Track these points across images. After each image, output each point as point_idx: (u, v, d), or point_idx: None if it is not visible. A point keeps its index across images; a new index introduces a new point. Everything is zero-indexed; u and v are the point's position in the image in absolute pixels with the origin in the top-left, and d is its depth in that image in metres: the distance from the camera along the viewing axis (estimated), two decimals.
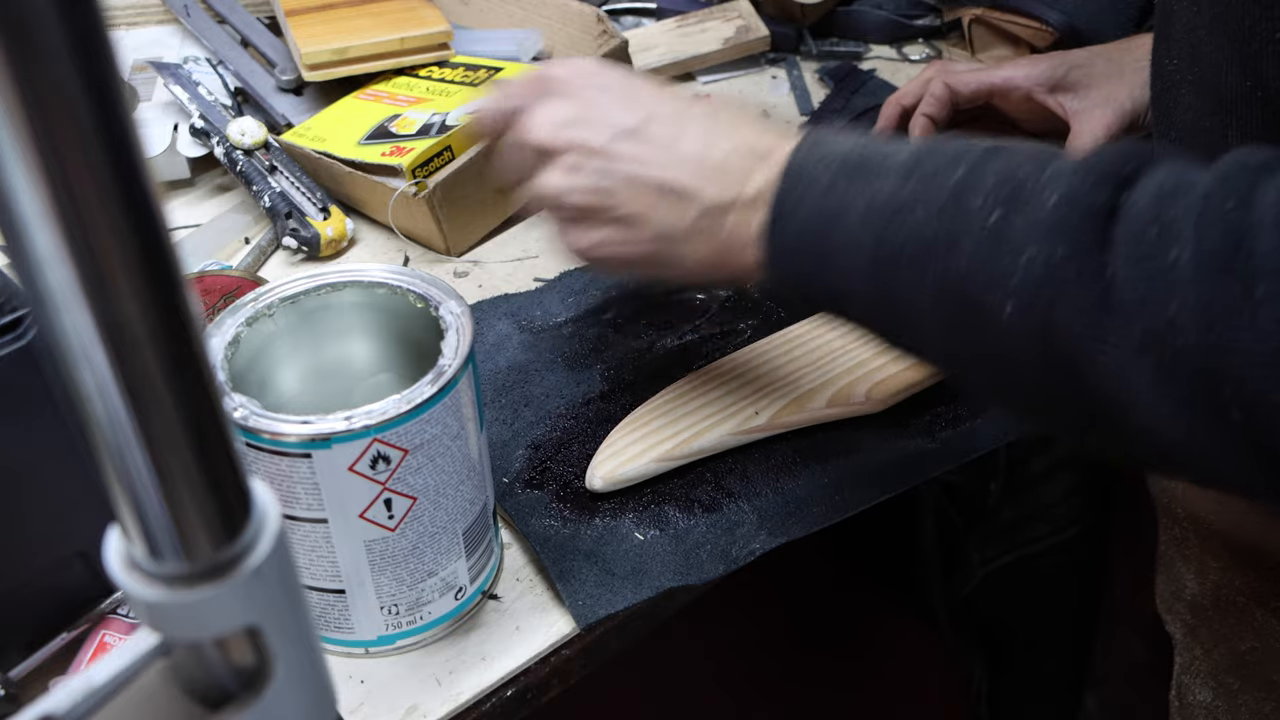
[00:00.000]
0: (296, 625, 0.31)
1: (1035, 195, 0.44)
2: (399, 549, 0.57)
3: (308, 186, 0.89)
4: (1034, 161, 0.45)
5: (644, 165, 0.56)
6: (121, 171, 0.23)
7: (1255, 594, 0.63)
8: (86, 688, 0.29)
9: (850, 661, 1.53)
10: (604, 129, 0.57)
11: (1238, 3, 0.50)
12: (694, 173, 0.55)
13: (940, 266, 0.46)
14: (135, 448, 0.26)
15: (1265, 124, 0.52)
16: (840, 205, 0.49)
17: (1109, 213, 0.42)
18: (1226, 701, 0.67)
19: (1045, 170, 0.45)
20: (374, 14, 1.00)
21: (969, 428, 0.73)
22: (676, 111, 0.57)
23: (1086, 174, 0.43)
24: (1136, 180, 0.42)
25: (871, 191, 0.49)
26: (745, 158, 0.55)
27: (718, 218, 0.55)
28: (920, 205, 0.47)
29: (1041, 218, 0.43)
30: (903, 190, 0.48)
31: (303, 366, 0.63)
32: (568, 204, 0.58)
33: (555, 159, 0.58)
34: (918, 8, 1.14)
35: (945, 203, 0.46)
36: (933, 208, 0.46)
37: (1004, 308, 0.43)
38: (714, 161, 0.55)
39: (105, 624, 0.60)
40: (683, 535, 0.66)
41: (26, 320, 0.53)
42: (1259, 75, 0.50)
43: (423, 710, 0.59)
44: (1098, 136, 0.86)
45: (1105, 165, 0.43)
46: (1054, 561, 1.24)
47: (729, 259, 0.55)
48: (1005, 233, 0.44)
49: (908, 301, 0.48)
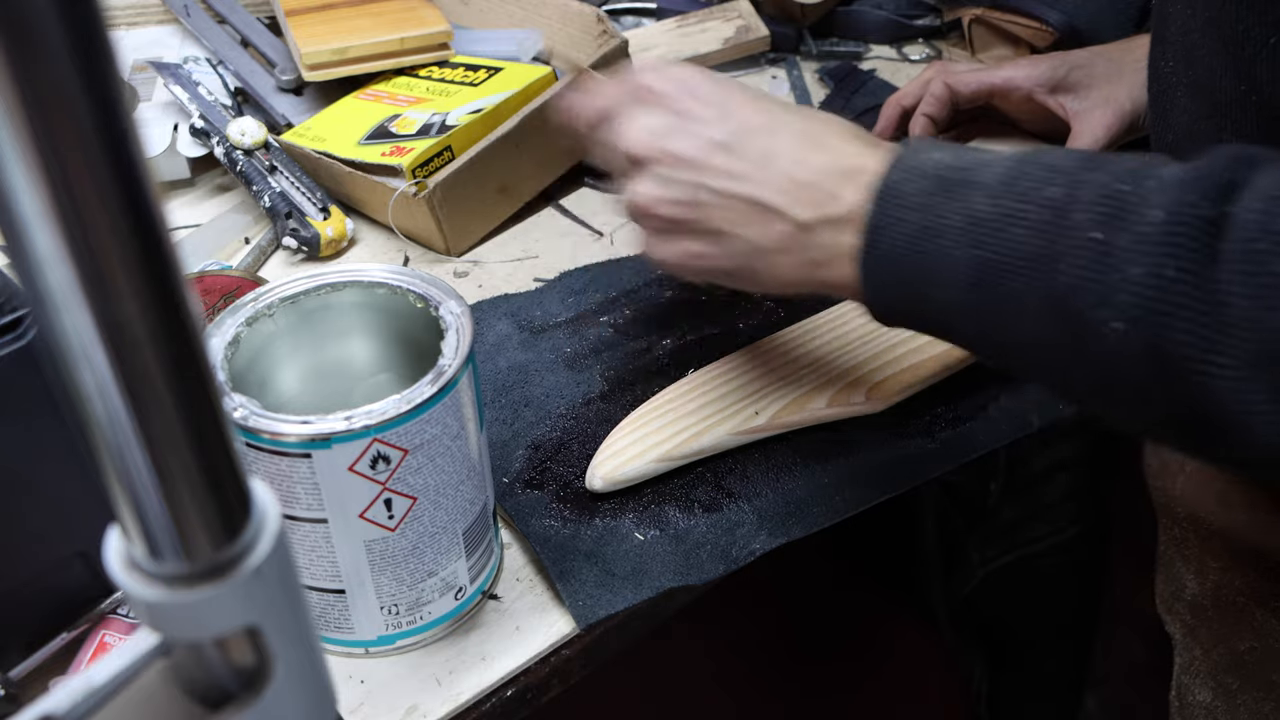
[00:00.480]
0: (296, 625, 0.31)
1: (1138, 210, 0.43)
2: (399, 549, 0.57)
3: (308, 186, 0.89)
4: (1134, 175, 0.45)
5: (735, 180, 0.56)
6: (121, 171, 0.23)
7: (1255, 594, 0.62)
8: (86, 688, 0.29)
9: (850, 661, 1.53)
10: (697, 141, 0.57)
11: (1231, 7, 0.50)
12: (785, 189, 0.55)
13: (1044, 284, 0.46)
14: (135, 448, 0.26)
15: (1260, 128, 0.52)
16: (935, 223, 0.49)
17: (1215, 226, 0.42)
18: (1226, 702, 0.67)
19: (1146, 183, 0.44)
20: (374, 14, 1.00)
21: (969, 428, 0.73)
22: (769, 124, 0.57)
23: (1189, 187, 0.43)
24: (1240, 190, 0.42)
25: (967, 208, 0.49)
26: (836, 174, 0.54)
27: (807, 235, 0.55)
28: (1019, 221, 0.47)
29: (1147, 233, 0.43)
30: (999, 206, 0.48)
31: (303, 366, 0.63)
32: (657, 214, 0.58)
33: (647, 168, 0.58)
34: (918, 8, 1.14)
35: (1045, 219, 0.46)
36: (1033, 224, 0.46)
37: (1113, 326, 0.43)
38: (805, 179, 0.55)
39: (105, 624, 0.60)
40: (683, 535, 0.66)
41: (26, 320, 0.53)
42: (1253, 80, 0.50)
43: (423, 710, 0.59)
44: (1098, 137, 0.86)
45: (1207, 176, 0.43)
46: (1054, 561, 1.24)
47: (819, 276, 0.55)
48: (1110, 249, 0.44)
49: (1011, 319, 0.47)
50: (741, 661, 1.53)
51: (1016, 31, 1.03)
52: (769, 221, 0.55)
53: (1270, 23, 0.48)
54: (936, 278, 0.49)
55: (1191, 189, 0.43)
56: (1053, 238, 0.46)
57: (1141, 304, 0.42)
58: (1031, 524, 1.23)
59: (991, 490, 1.22)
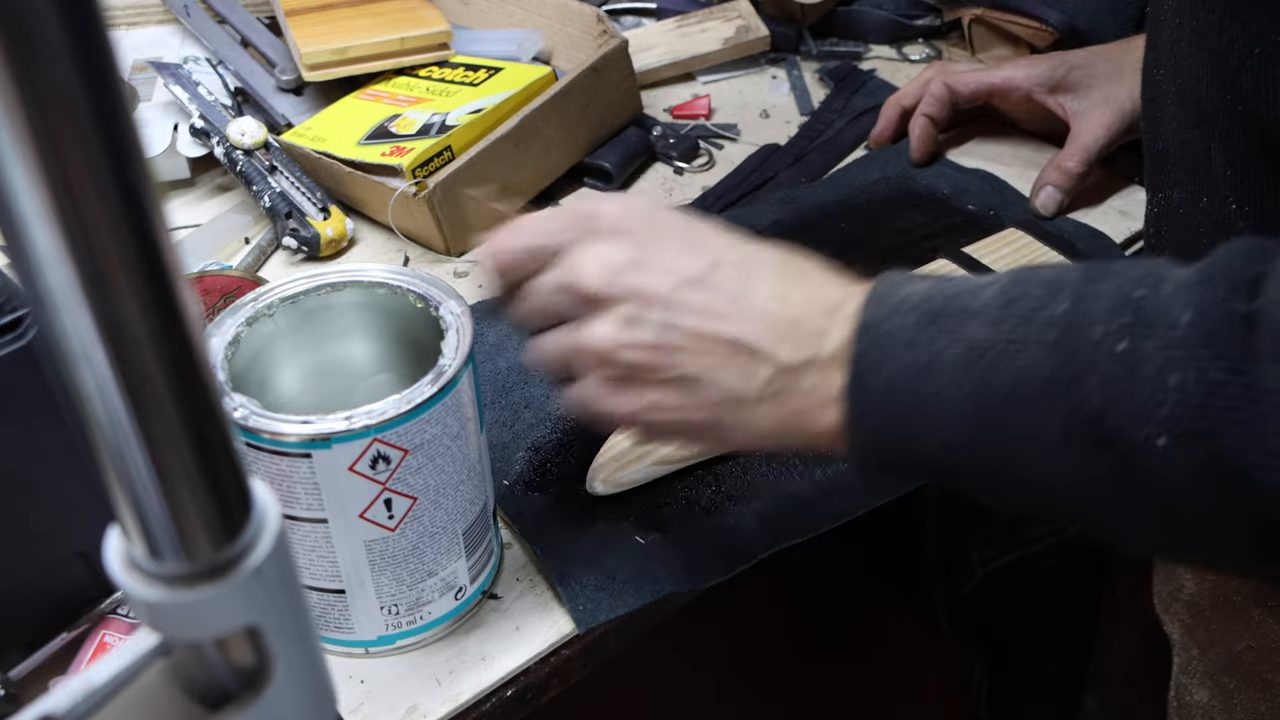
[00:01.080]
0: (296, 625, 0.31)
1: (1164, 315, 0.40)
2: (399, 549, 0.57)
3: (308, 186, 0.89)
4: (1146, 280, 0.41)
5: (712, 318, 0.49)
6: (121, 171, 0.23)
7: (1253, 593, 0.62)
8: (86, 688, 0.29)
9: (850, 661, 1.53)
10: (667, 276, 0.50)
11: (1215, 18, 0.49)
12: (767, 329, 0.49)
13: (1065, 407, 0.41)
14: (135, 448, 0.26)
15: (1247, 138, 0.51)
16: (928, 357, 0.44)
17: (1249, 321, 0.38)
18: (1223, 701, 0.67)
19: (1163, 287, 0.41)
20: (374, 14, 1.00)
21: None
22: (744, 258, 0.51)
23: (1213, 285, 0.40)
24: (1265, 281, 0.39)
25: (964, 337, 0.44)
26: (820, 312, 0.49)
27: (793, 380, 0.48)
28: (1027, 345, 0.42)
29: (1179, 338, 0.39)
30: (1000, 331, 0.43)
31: (303, 366, 0.63)
32: (619, 360, 0.50)
33: (608, 309, 0.50)
34: (918, 8, 1.14)
35: (1058, 337, 0.42)
36: (1044, 345, 0.42)
37: (1155, 441, 0.39)
38: (789, 317, 0.49)
39: (105, 624, 0.60)
40: (684, 539, 0.66)
41: (26, 320, 0.53)
42: (1238, 90, 0.50)
43: (423, 710, 0.59)
44: (1097, 136, 0.86)
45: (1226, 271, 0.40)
46: (1054, 561, 1.24)
47: (803, 425, 0.49)
48: (1140, 360, 0.40)
49: (1025, 452, 0.43)
50: (741, 661, 1.53)
51: (1016, 31, 1.03)
52: (750, 365, 0.49)
53: (1254, 34, 0.47)
54: (933, 415, 0.44)
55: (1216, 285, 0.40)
56: (1070, 356, 0.41)
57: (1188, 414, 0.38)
58: (1031, 524, 1.23)
59: None
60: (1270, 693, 0.64)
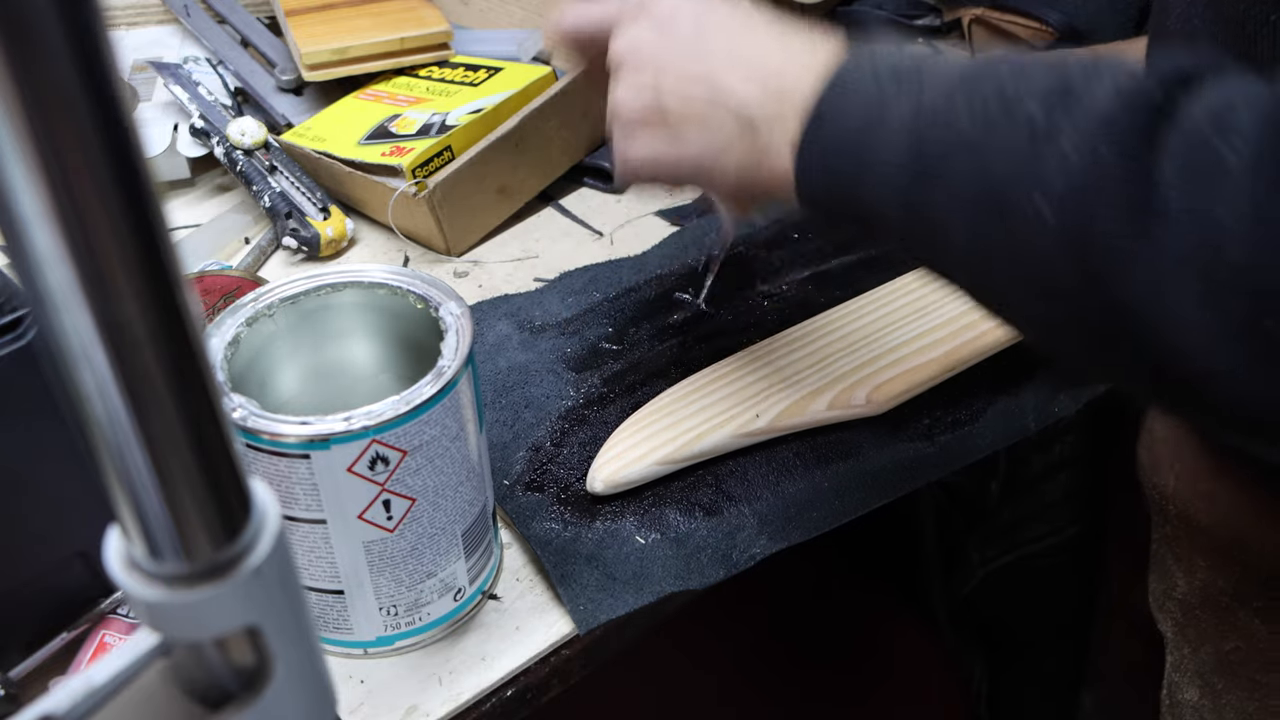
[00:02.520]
0: (296, 625, 0.31)
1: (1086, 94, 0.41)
2: (398, 550, 0.57)
3: (308, 186, 0.89)
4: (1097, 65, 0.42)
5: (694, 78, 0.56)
6: (121, 171, 0.23)
7: (1239, 594, 0.62)
8: (86, 688, 0.29)
9: (850, 661, 1.52)
10: (666, 41, 0.58)
11: None
12: (744, 78, 0.55)
13: (980, 174, 0.43)
14: (135, 448, 0.26)
15: None
16: (881, 114, 0.47)
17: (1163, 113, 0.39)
18: (1212, 700, 0.67)
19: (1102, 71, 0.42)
20: (374, 14, 1.00)
21: (967, 432, 0.73)
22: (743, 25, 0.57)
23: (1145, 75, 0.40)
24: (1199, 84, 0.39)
25: (916, 101, 0.46)
26: (799, 69, 0.53)
27: (761, 125, 0.54)
28: (966, 114, 0.44)
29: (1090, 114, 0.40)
30: (950, 100, 0.45)
31: (302, 367, 0.63)
32: (624, 115, 0.59)
33: (621, 72, 0.59)
34: (918, 8, 1.14)
35: (992, 109, 0.43)
36: (978, 115, 0.44)
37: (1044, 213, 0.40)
38: (770, 68, 0.54)
39: (105, 624, 0.60)
40: (684, 539, 0.66)
41: (26, 320, 0.53)
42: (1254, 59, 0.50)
43: (423, 710, 0.59)
44: None
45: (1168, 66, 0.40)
46: (1054, 561, 1.25)
47: (764, 166, 0.54)
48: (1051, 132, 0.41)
49: (943, 215, 0.45)
50: (741, 661, 1.53)
51: (1016, 31, 1.03)
52: (726, 111, 0.55)
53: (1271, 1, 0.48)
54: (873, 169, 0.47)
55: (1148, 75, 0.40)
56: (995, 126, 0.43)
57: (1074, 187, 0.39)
58: (1031, 524, 1.23)
59: (991, 490, 1.22)
60: (1259, 692, 0.64)
